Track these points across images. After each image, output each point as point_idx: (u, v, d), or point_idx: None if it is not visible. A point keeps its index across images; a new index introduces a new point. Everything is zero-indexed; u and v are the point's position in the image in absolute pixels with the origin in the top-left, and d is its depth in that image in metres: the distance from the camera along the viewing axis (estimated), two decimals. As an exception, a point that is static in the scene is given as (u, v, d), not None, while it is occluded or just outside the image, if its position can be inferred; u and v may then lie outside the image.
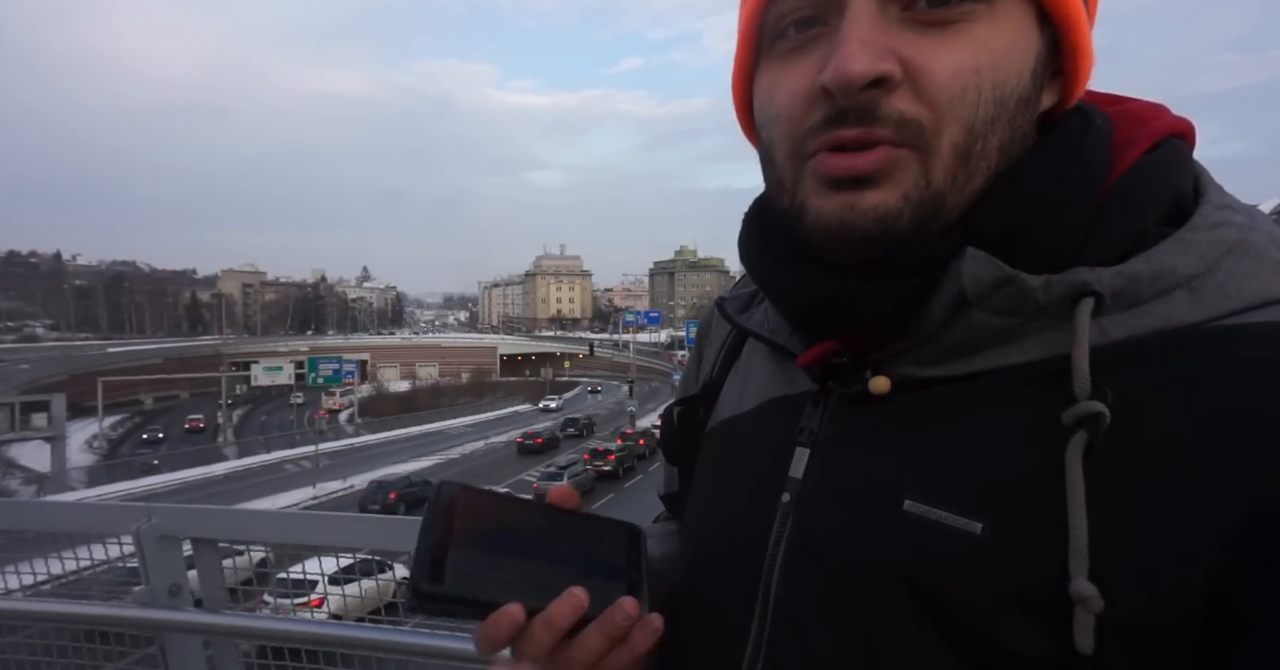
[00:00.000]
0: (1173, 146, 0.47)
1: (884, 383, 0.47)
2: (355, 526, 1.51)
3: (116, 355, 64.50)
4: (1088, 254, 0.42)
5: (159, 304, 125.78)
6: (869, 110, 0.42)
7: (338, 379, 43.89)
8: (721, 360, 0.66)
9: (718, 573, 0.54)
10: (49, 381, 44.82)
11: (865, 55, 0.41)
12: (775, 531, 0.49)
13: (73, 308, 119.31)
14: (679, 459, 0.67)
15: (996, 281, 0.41)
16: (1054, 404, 0.39)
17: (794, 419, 0.52)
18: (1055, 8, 0.44)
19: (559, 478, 24.08)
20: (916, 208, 0.43)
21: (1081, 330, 0.39)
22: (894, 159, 0.42)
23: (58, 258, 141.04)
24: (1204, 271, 0.41)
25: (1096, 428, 0.37)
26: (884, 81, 0.41)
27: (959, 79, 0.41)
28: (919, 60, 0.42)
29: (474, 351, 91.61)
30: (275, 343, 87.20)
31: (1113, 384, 0.38)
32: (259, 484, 27.97)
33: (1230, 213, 0.43)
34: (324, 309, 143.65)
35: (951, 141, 0.42)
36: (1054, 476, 0.38)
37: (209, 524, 1.56)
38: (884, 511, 0.44)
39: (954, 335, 0.43)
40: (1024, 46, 0.43)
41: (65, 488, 26.63)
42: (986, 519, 0.40)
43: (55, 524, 1.71)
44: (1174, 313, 0.40)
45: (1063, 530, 0.37)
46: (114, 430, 48.46)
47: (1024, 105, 0.44)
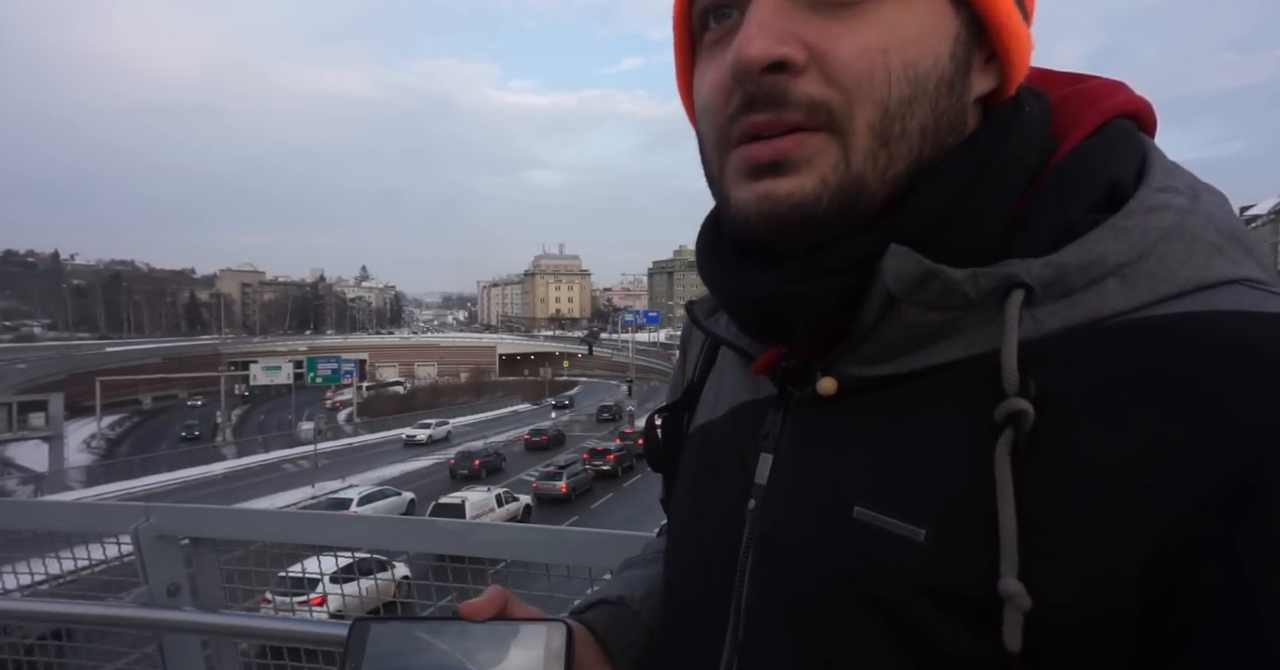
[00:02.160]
0: (1117, 127, 0.46)
1: (830, 384, 0.47)
2: (355, 526, 1.51)
3: (114, 355, 64.44)
4: (1018, 245, 0.41)
5: (157, 303, 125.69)
6: (777, 95, 0.42)
7: (336, 378, 43.89)
8: (701, 364, 0.66)
9: (695, 581, 0.54)
10: (47, 381, 44.80)
11: (762, 39, 0.41)
12: (745, 539, 0.49)
13: (70, 307, 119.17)
14: (664, 466, 0.66)
15: (919, 276, 0.40)
16: (988, 401, 0.39)
17: (759, 424, 0.52)
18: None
19: (558, 477, 24.11)
20: (836, 192, 0.42)
21: (1010, 324, 0.39)
22: (809, 143, 0.42)
23: (55, 257, 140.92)
24: (1136, 258, 0.40)
25: (1021, 425, 0.37)
26: (784, 65, 0.41)
27: (865, 58, 0.41)
28: (824, 43, 0.41)
29: (473, 351, 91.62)
30: (274, 342, 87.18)
31: (1045, 377, 0.38)
32: (258, 483, 27.96)
33: (1170, 195, 0.42)
34: (323, 309, 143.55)
35: (867, 122, 0.42)
36: (988, 477, 0.38)
37: (208, 523, 1.55)
38: (836, 518, 0.44)
39: (889, 333, 0.43)
40: (936, 27, 0.43)
41: (63, 487, 26.60)
42: (930, 525, 0.40)
43: (53, 524, 1.70)
44: (1105, 301, 0.40)
45: (995, 531, 0.37)
46: (112, 430, 48.43)
47: (946, 88, 0.43)
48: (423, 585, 1.50)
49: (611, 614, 0.62)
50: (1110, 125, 0.46)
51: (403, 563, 1.77)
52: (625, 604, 0.64)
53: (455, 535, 1.38)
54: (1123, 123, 0.46)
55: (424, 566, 1.61)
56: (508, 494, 21.37)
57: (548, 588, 1.34)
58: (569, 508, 22.89)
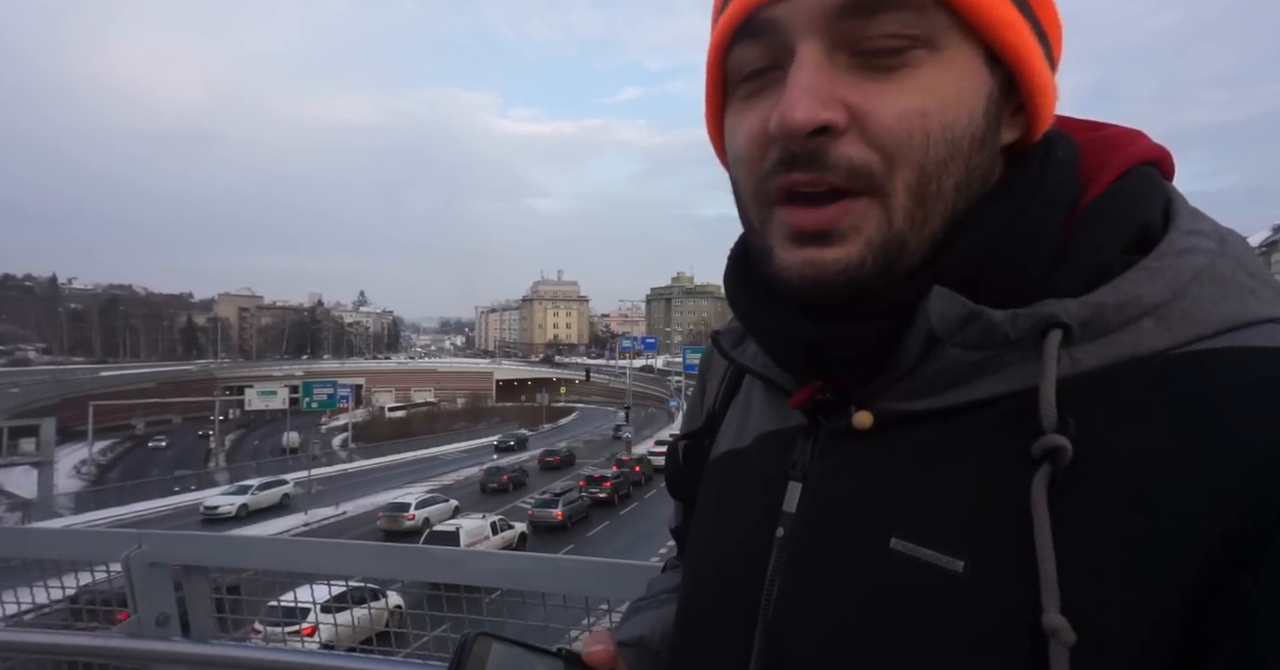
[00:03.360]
0: (1142, 173, 0.47)
1: (867, 418, 0.47)
2: (348, 553, 1.49)
3: (109, 379, 64.05)
4: (1055, 286, 0.43)
5: (154, 328, 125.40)
6: (818, 156, 0.43)
7: (332, 403, 43.61)
8: (723, 393, 0.67)
9: (716, 608, 0.54)
10: (39, 405, 44.43)
11: (807, 104, 0.42)
12: (771, 568, 0.50)
13: (66, 331, 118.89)
14: (684, 493, 0.66)
15: (962, 318, 0.42)
16: (1026, 437, 0.39)
17: (787, 452, 0.53)
18: (1005, 50, 0.44)
19: (554, 504, 23.80)
20: (879, 253, 0.44)
21: (1049, 362, 0.40)
22: (853, 210, 0.44)
23: (54, 281, 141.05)
24: (1170, 299, 0.41)
25: (1060, 461, 0.38)
26: (827, 129, 0.42)
27: (905, 122, 0.42)
28: (865, 106, 0.42)
29: (470, 376, 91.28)
30: (270, 367, 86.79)
31: (1083, 414, 0.39)
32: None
33: (1199, 238, 0.44)
34: (320, 333, 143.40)
35: (905, 183, 0.43)
36: (1026, 511, 0.38)
37: (201, 550, 1.53)
38: (872, 548, 0.44)
39: (930, 370, 0.44)
40: (973, 88, 0.44)
41: (51, 514, 26.19)
42: (969, 557, 0.40)
43: (42, 551, 1.68)
44: (1142, 340, 0.40)
45: (1035, 565, 0.37)
46: (103, 455, 47.92)
47: (979, 144, 0.45)
48: (416, 614, 1.48)
49: (632, 657, 0.62)
50: (1136, 171, 0.47)
51: (395, 592, 1.75)
52: (644, 645, 0.64)
53: (450, 563, 1.37)
54: (1147, 169, 0.48)
55: (418, 595, 1.59)
56: (503, 521, 21.11)
57: (544, 617, 1.32)
58: (565, 536, 22.58)
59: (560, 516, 23.39)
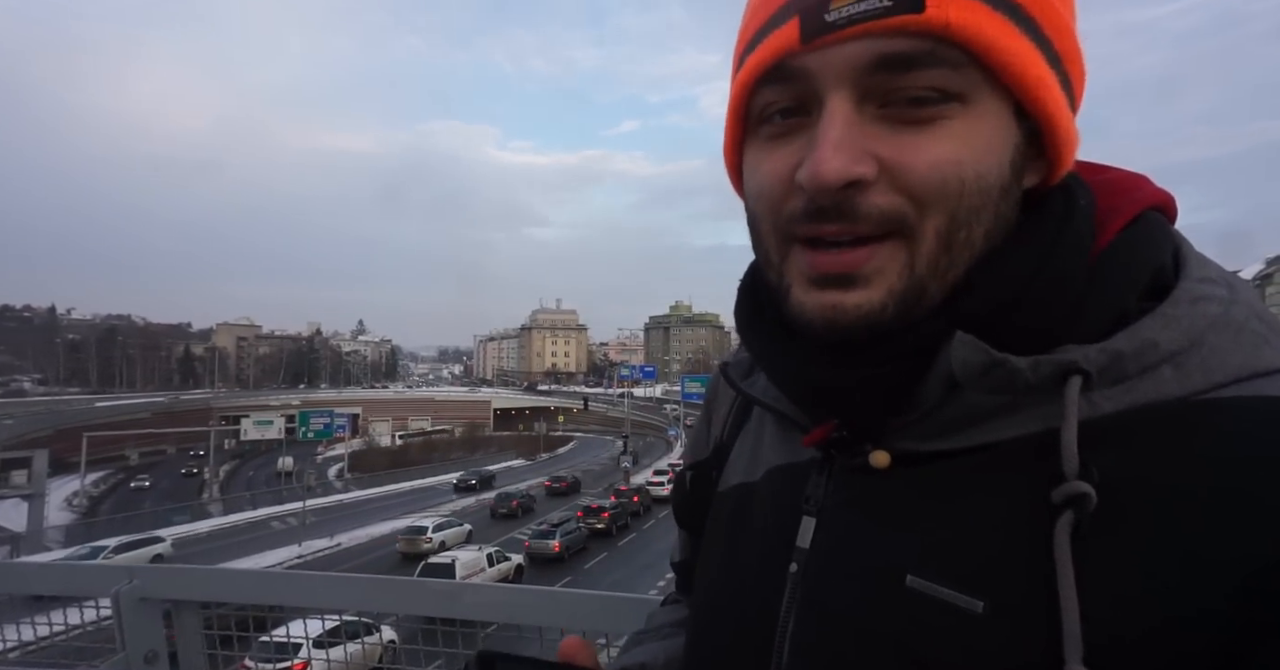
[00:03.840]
0: (1152, 219, 0.48)
1: (884, 457, 0.47)
2: (342, 587, 1.47)
3: (104, 409, 63.59)
4: (1074, 331, 0.43)
5: (151, 358, 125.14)
6: (848, 209, 0.43)
7: (329, 433, 43.42)
8: (731, 423, 0.66)
9: (727, 643, 0.53)
10: (33, 437, 44.04)
11: (839, 159, 0.42)
12: (785, 603, 0.49)
13: (63, 361, 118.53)
14: (691, 524, 0.66)
15: (985, 365, 0.42)
16: (1046, 481, 0.40)
17: (800, 487, 0.52)
18: (1035, 106, 0.44)
19: (551, 535, 23.48)
20: (900, 299, 0.44)
21: (1070, 408, 0.40)
22: (878, 254, 0.44)
23: (52, 311, 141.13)
24: (1187, 347, 0.41)
25: (1084, 508, 0.38)
26: (858, 183, 0.42)
27: (939, 170, 0.42)
28: (896, 157, 0.42)
29: (468, 405, 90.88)
30: (267, 396, 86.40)
31: (1103, 458, 0.39)
32: (245, 542, 27.16)
33: (1211, 286, 0.44)
34: (318, 362, 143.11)
35: (936, 229, 0.43)
36: (1047, 556, 0.38)
37: (193, 585, 1.51)
38: (888, 586, 0.44)
39: (949, 413, 0.45)
40: (1003, 140, 0.44)
41: (41, 548, 25.76)
42: (988, 597, 0.40)
43: (30, 586, 1.65)
44: (1160, 388, 0.41)
45: (1057, 612, 0.37)
46: (96, 487, 47.33)
47: (1005, 194, 0.45)
48: (411, 650, 1.45)
49: None
50: (1145, 216, 0.48)
51: (389, 626, 1.71)
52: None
53: (445, 596, 1.35)
54: (1155, 214, 0.48)
55: (412, 629, 1.56)
56: (499, 553, 20.83)
57: (540, 652, 1.29)
58: (562, 568, 22.23)
59: (558, 548, 23.06)
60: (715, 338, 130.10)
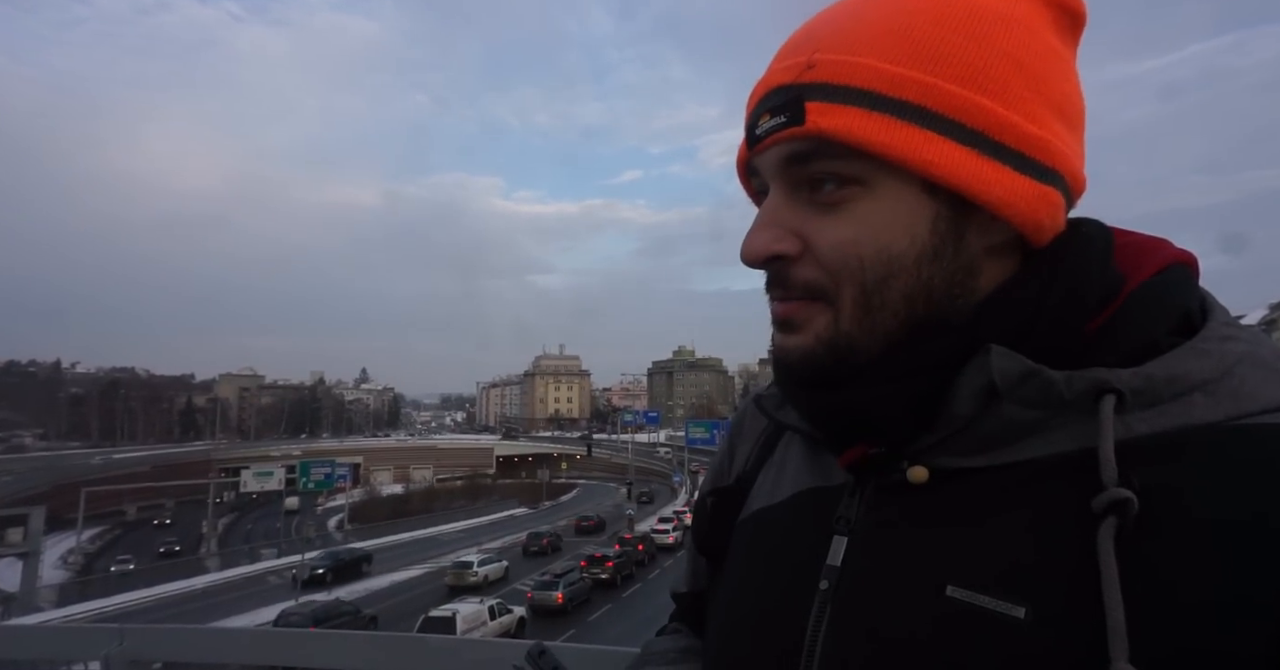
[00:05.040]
0: (1180, 271, 0.51)
1: (922, 473, 0.49)
2: (339, 644, 1.43)
3: (103, 464, 63.03)
4: (1102, 357, 0.45)
5: (153, 410, 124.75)
6: (781, 279, 0.52)
7: (330, 483, 42.81)
8: (756, 455, 0.68)
9: (751, 661, 0.54)
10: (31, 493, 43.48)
11: (759, 239, 0.51)
12: (813, 619, 0.50)
13: (65, 415, 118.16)
14: (710, 550, 0.67)
15: (1022, 374, 0.44)
16: (1084, 492, 0.41)
17: (829, 508, 0.54)
18: (936, 179, 0.48)
19: (554, 586, 22.87)
20: (829, 347, 0.50)
21: (1106, 422, 0.42)
22: (805, 310, 0.51)
23: (57, 366, 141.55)
24: (1218, 377, 0.44)
25: (1126, 513, 0.39)
26: (781, 258, 0.51)
27: (839, 250, 0.49)
28: (813, 237, 0.50)
29: (470, 453, 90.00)
30: (268, 447, 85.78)
31: (1139, 474, 0.40)
32: (242, 598, 26.49)
33: (1237, 329, 0.47)
34: (320, 411, 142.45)
35: (851, 297, 0.50)
36: (1089, 561, 0.39)
37: (185, 646, 1.47)
38: (927, 598, 0.45)
39: (986, 427, 0.46)
40: (910, 212, 0.49)
41: (33, 608, 25.15)
42: (1029, 604, 0.41)
43: (15, 651, 1.60)
44: (1193, 413, 0.43)
45: (1101, 614, 0.38)
46: (92, 543, 46.48)
47: (930, 258, 0.49)
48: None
49: None
50: (1174, 267, 0.51)
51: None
52: None
53: (445, 653, 1.31)
54: (1183, 268, 0.51)
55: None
56: (501, 605, 20.33)
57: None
58: (565, 620, 21.61)
59: (561, 599, 22.44)
60: (719, 382, 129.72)
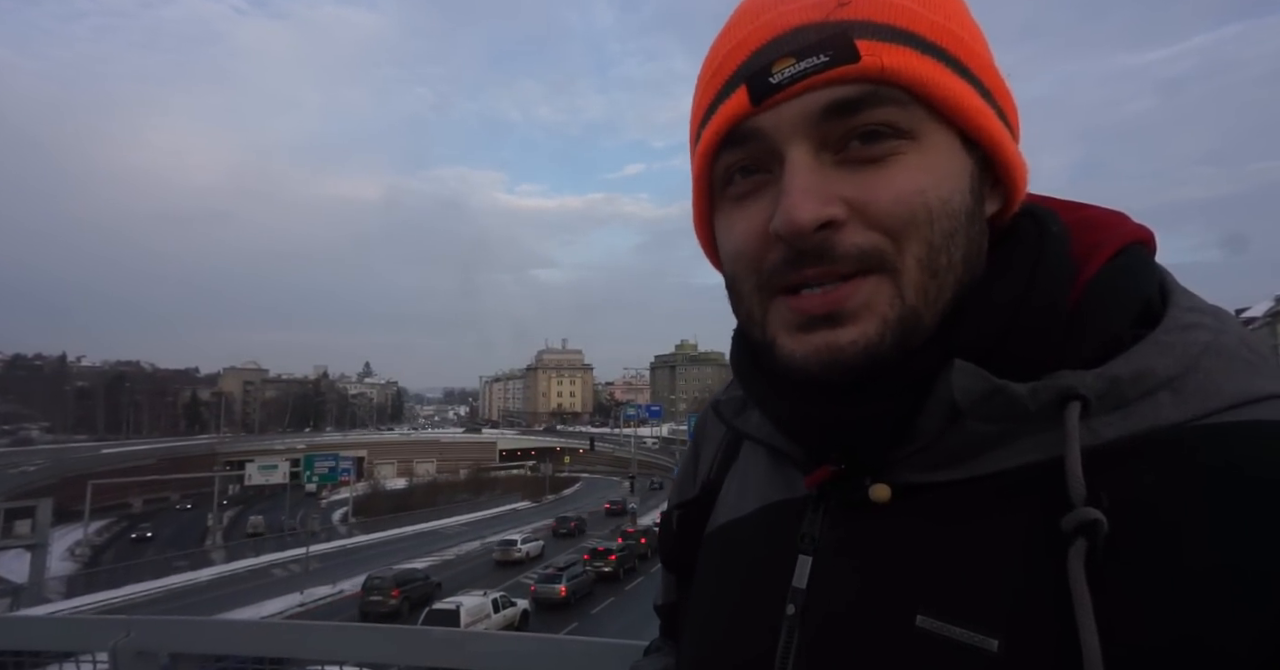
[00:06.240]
0: (1136, 252, 0.49)
1: (884, 491, 0.47)
2: (343, 636, 1.43)
3: (109, 457, 63.43)
4: (1068, 358, 0.43)
5: (158, 404, 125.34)
6: (826, 250, 0.44)
7: (334, 477, 42.97)
8: (719, 461, 0.66)
9: None
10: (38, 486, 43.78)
11: (809, 203, 0.43)
12: (781, 646, 0.48)
13: (71, 409, 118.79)
14: (678, 566, 0.65)
15: (985, 392, 0.42)
16: (1053, 508, 0.39)
17: (794, 524, 0.51)
18: (978, 133, 0.47)
19: (557, 580, 23.02)
20: (896, 328, 0.44)
21: (1072, 434, 0.40)
22: (863, 288, 0.44)
23: (62, 359, 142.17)
24: (1183, 372, 0.42)
25: (1096, 535, 0.37)
26: (831, 223, 0.44)
27: (905, 201, 0.44)
28: (862, 196, 0.44)
29: (473, 447, 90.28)
30: (272, 441, 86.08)
31: (1109, 484, 0.39)
32: (248, 590, 26.65)
33: (1199, 315, 0.45)
34: (324, 405, 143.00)
35: (915, 258, 0.44)
36: (1062, 587, 0.38)
37: (191, 637, 1.48)
38: (895, 627, 0.43)
39: (949, 443, 0.44)
40: (958, 167, 0.46)
41: (41, 599, 25.35)
42: (1003, 635, 0.39)
43: (23, 642, 1.61)
44: (1160, 413, 0.41)
45: (1076, 644, 0.36)
46: (99, 535, 46.77)
47: (972, 218, 0.47)
48: (413, 703, 1.42)
49: None
50: (1130, 249, 0.49)
51: (394, 678, 1.67)
52: None
53: (449, 646, 1.32)
54: (1140, 248, 0.49)
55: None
56: (504, 599, 20.42)
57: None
58: (569, 613, 21.71)
59: (564, 592, 22.58)
60: (721, 376, 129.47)
